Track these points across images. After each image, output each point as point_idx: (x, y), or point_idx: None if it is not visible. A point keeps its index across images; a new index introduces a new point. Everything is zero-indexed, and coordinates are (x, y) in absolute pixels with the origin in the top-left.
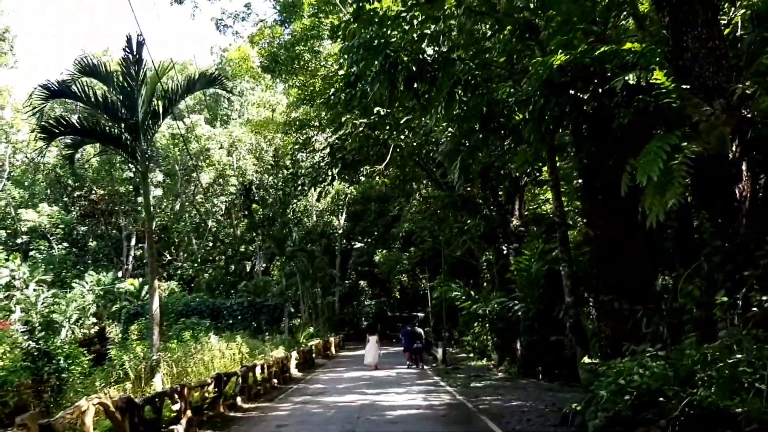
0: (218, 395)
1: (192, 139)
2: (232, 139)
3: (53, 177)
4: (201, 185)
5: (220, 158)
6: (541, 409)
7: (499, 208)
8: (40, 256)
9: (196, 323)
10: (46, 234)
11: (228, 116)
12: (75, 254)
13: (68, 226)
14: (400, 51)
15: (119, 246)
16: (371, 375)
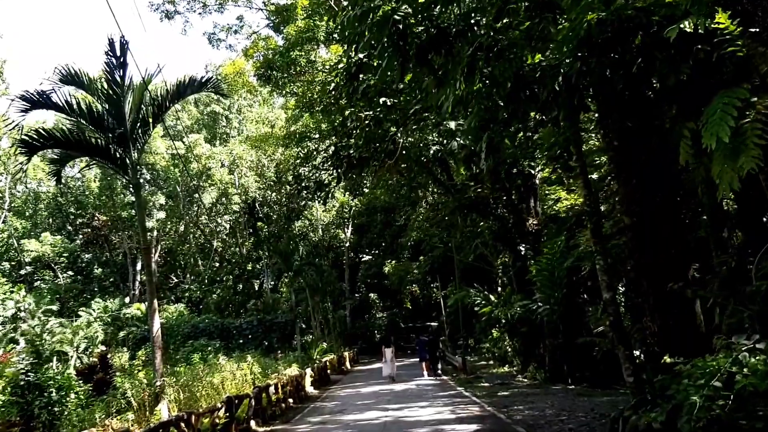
0: (230, 420)
1: (192, 159)
2: (233, 156)
3: (54, 206)
4: (203, 205)
5: (221, 177)
6: (580, 417)
7: (514, 207)
8: (45, 286)
9: (205, 344)
10: (50, 263)
11: (227, 134)
12: (81, 282)
13: (72, 255)
14: (409, 18)
15: (125, 271)
16: (391, 389)
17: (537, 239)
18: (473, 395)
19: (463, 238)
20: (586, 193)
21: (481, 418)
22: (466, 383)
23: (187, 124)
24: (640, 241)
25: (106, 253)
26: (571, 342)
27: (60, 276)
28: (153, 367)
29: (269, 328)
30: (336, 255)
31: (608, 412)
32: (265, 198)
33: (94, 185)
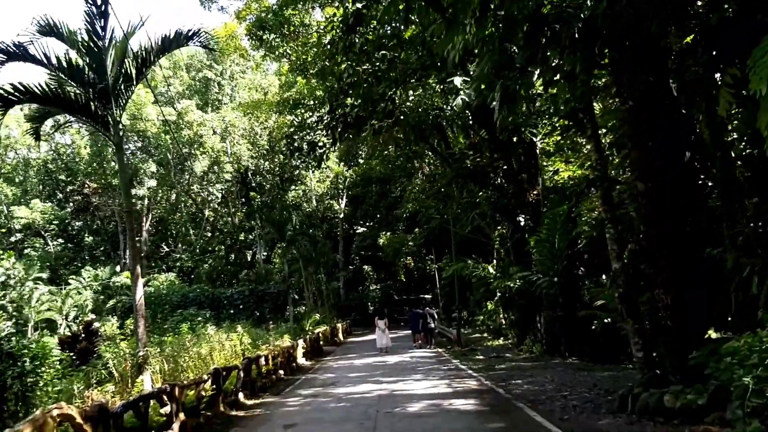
0: (217, 392)
1: (183, 125)
2: (225, 124)
3: (44, 173)
4: (195, 173)
5: (213, 145)
6: (583, 392)
7: (514, 177)
8: (35, 254)
9: (195, 314)
10: (40, 231)
11: (219, 101)
12: (71, 250)
13: (62, 222)
14: None
15: (115, 240)
16: (384, 361)
17: (537, 210)
18: (469, 368)
19: (460, 209)
20: (596, 158)
21: (479, 392)
22: (461, 356)
23: (178, 90)
24: (654, 208)
25: (96, 221)
26: (570, 315)
27: (50, 243)
28: (136, 337)
29: (261, 298)
30: (330, 226)
31: (612, 387)
32: (258, 167)
33: (85, 152)
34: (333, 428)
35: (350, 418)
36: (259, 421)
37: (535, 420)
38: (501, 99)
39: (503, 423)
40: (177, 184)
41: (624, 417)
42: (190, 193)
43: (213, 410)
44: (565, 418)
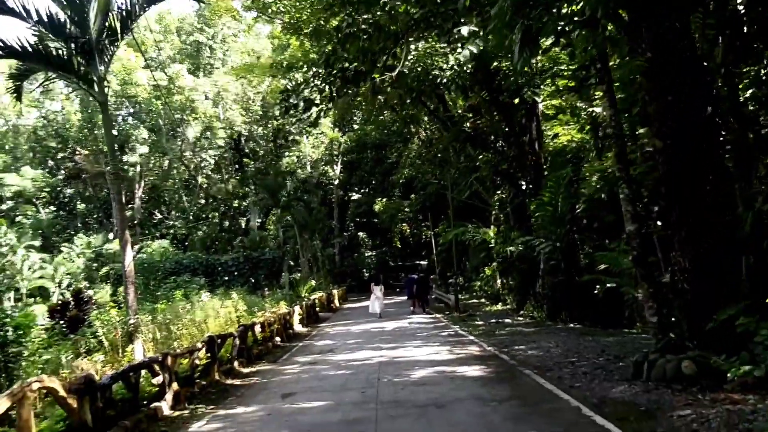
0: (212, 361)
1: (175, 90)
2: (217, 88)
3: (34, 139)
4: (187, 140)
5: (205, 110)
6: (591, 358)
7: (515, 139)
8: (27, 222)
9: (188, 281)
10: (31, 198)
11: (211, 66)
12: (63, 218)
13: (54, 190)
14: None
15: (108, 207)
16: (382, 327)
17: (539, 173)
18: (470, 334)
19: (458, 174)
20: (611, 114)
21: (483, 358)
22: (460, 321)
23: (169, 55)
24: (672, 166)
25: (88, 188)
26: (571, 280)
27: (42, 211)
28: (126, 304)
29: (256, 265)
30: (325, 193)
31: (621, 353)
32: (251, 133)
33: (75, 118)
34: (333, 397)
35: (350, 386)
36: (256, 389)
37: (544, 387)
38: (521, 40)
39: (511, 391)
40: (169, 150)
41: (639, 384)
42: (183, 159)
43: (208, 379)
44: (576, 385)
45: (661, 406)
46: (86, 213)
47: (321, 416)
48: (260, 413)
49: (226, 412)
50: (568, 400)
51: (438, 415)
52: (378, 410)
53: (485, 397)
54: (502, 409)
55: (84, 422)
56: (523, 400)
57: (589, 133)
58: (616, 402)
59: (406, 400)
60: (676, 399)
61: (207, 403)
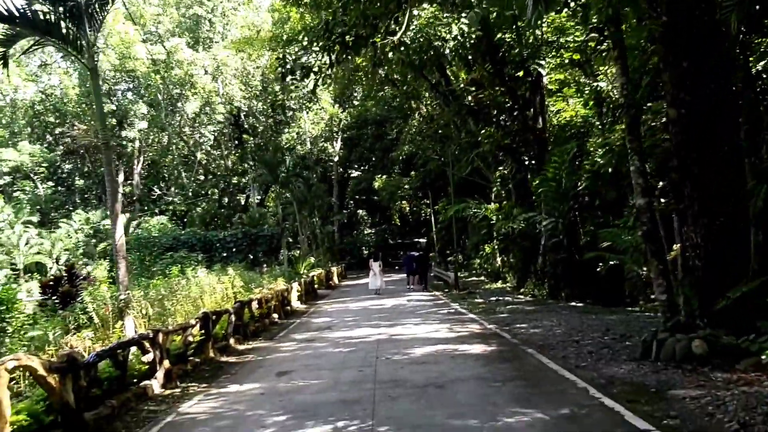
0: (206, 338)
1: (174, 65)
2: (217, 62)
3: (32, 114)
4: (186, 115)
5: (204, 85)
6: (596, 337)
7: (520, 112)
8: (25, 197)
9: (185, 257)
10: (29, 174)
11: (210, 39)
12: (62, 194)
13: (52, 165)
14: None
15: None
16: (381, 304)
17: (543, 148)
18: (470, 312)
19: (459, 149)
20: (623, 82)
21: (484, 336)
22: (459, 299)
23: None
24: (687, 136)
25: (87, 164)
26: (573, 257)
27: (40, 187)
28: (117, 280)
29: (254, 241)
30: (324, 170)
31: (626, 332)
32: (251, 108)
33: (73, 92)
34: (330, 376)
35: (348, 364)
36: (251, 367)
37: (548, 367)
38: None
39: (514, 371)
40: (168, 126)
41: (648, 364)
42: (182, 135)
43: (202, 356)
44: (582, 365)
45: (672, 387)
46: (85, 189)
47: (317, 396)
48: (254, 392)
49: (218, 390)
50: (574, 380)
51: (438, 395)
52: (376, 390)
53: (487, 377)
54: (506, 390)
55: (66, 402)
56: (527, 381)
57: (593, 108)
58: (625, 382)
59: (405, 379)
60: (687, 380)
61: (200, 381)
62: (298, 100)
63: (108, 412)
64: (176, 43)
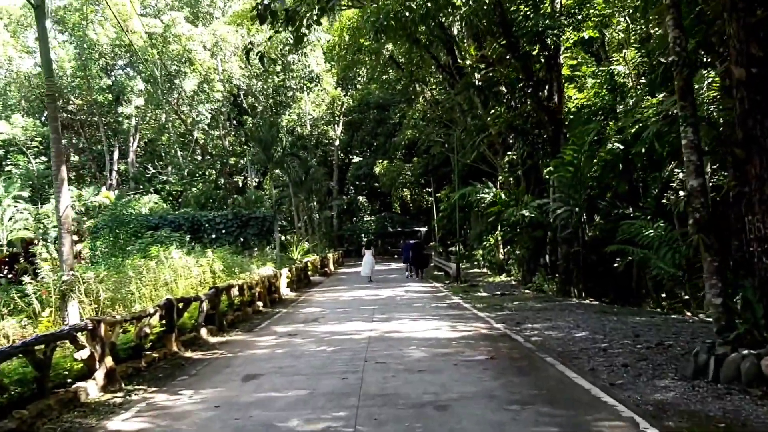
0: (168, 329)
1: (171, 39)
2: (216, 38)
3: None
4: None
5: (203, 61)
6: (627, 345)
7: (534, 90)
8: (17, 171)
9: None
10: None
11: (210, 15)
12: None
13: (45, 139)
14: None
15: (101, 160)
16: (376, 294)
17: (558, 130)
18: (473, 307)
19: (466, 133)
20: (676, 35)
21: (491, 338)
22: (462, 292)
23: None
24: (756, 103)
25: (82, 140)
26: (589, 251)
27: (32, 161)
28: (59, 258)
29: (246, 223)
30: (324, 153)
31: (661, 339)
32: (250, 87)
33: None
34: (306, 384)
35: (330, 368)
36: (216, 367)
37: (576, 383)
38: None
39: (533, 388)
40: (165, 103)
41: (705, 386)
42: (179, 113)
43: (164, 350)
44: (618, 382)
45: (745, 421)
46: (80, 165)
47: (283, 414)
48: (207, 404)
49: (167, 397)
50: (613, 405)
51: (438, 421)
52: (359, 408)
53: (500, 395)
54: (526, 418)
55: None
56: (552, 404)
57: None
58: (681, 411)
59: (397, 393)
60: (761, 410)
61: (150, 383)
62: (299, 80)
63: (13, 426)
64: (174, 16)
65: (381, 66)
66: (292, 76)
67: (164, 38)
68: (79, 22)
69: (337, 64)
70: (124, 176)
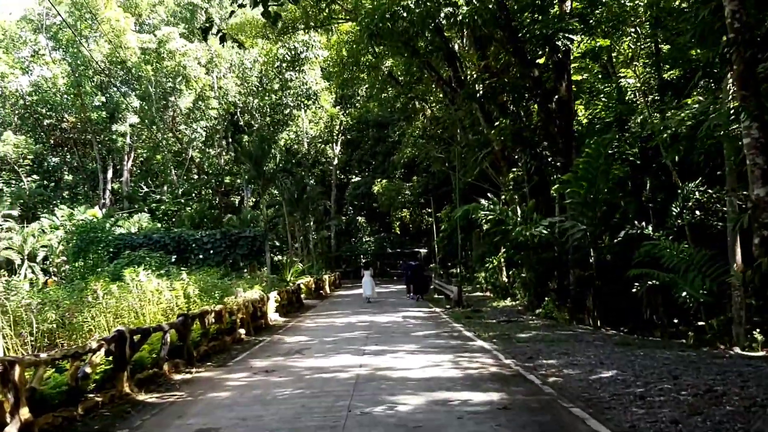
0: (117, 366)
1: (165, 55)
2: (211, 54)
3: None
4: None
5: (198, 78)
6: (668, 391)
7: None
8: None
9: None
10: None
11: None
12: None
13: (38, 158)
14: None
15: (95, 179)
16: (371, 321)
17: (569, 142)
18: (478, 337)
19: (468, 149)
20: (734, 8)
21: (502, 380)
22: (464, 318)
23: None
24: None
25: (75, 158)
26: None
27: (24, 180)
28: None
29: (235, 243)
30: (323, 173)
31: (707, 382)
32: (247, 104)
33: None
34: None
35: (303, 421)
36: (166, 416)
37: None
38: None
39: None
40: (159, 120)
41: None
42: (174, 131)
43: (112, 392)
44: None
45: None
46: (73, 184)
47: None
48: None
49: None
50: None
51: None
52: None
53: None
54: None
55: None
56: None
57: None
58: None
59: None
60: None
61: None
62: (296, 98)
63: None
64: (168, 31)
65: (380, 83)
66: (289, 93)
67: (158, 54)
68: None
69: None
70: (118, 195)
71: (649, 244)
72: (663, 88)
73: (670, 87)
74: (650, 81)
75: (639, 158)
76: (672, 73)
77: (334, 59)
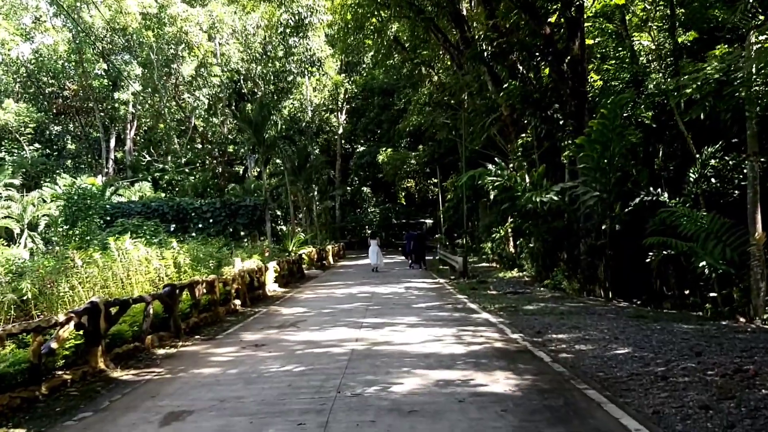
0: (90, 341)
1: (167, 21)
2: (213, 19)
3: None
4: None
5: (200, 44)
6: (692, 369)
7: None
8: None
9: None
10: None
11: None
12: (54, 157)
13: (39, 126)
14: None
15: (98, 148)
16: (372, 292)
17: (581, 104)
18: (483, 310)
19: (474, 115)
20: None
21: (508, 356)
22: (469, 290)
23: None
24: None
25: (78, 127)
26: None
27: (26, 148)
28: None
29: (235, 212)
30: (327, 142)
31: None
32: (249, 71)
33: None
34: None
35: (287, 404)
36: (137, 397)
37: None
38: None
39: None
40: (162, 88)
41: None
42: (177, 99)
43: (84, 368)
44: None
45: None
46: (76, 153)
47: None
48: None
49: None
50: None
51: None
52: None
53: None
54: None
55: None
56: None
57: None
58: None
59: None
60: None
61: (31, 424)
62: (300, 64)
63: None
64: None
65: (385, 48)
66: (293, 60)
67: (159, 19)
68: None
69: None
70: (121, 164)
71: (665, 211)
72: (678, 51)
73: (685, 51)
74: (665, 45)
75: (653, 123)
76: (687, 36)
77: (338, 24)
